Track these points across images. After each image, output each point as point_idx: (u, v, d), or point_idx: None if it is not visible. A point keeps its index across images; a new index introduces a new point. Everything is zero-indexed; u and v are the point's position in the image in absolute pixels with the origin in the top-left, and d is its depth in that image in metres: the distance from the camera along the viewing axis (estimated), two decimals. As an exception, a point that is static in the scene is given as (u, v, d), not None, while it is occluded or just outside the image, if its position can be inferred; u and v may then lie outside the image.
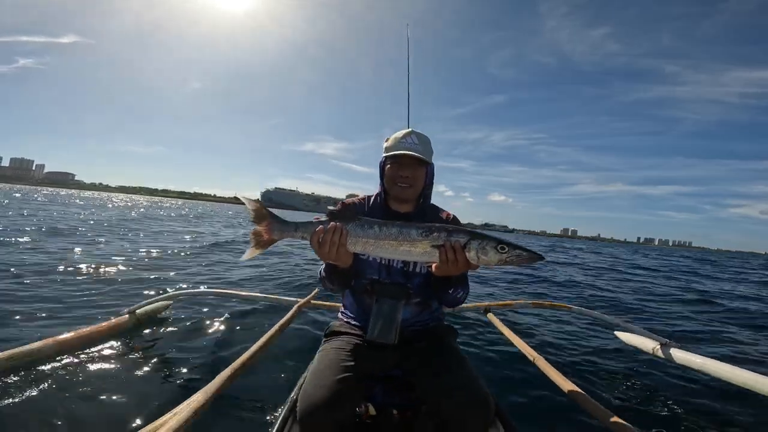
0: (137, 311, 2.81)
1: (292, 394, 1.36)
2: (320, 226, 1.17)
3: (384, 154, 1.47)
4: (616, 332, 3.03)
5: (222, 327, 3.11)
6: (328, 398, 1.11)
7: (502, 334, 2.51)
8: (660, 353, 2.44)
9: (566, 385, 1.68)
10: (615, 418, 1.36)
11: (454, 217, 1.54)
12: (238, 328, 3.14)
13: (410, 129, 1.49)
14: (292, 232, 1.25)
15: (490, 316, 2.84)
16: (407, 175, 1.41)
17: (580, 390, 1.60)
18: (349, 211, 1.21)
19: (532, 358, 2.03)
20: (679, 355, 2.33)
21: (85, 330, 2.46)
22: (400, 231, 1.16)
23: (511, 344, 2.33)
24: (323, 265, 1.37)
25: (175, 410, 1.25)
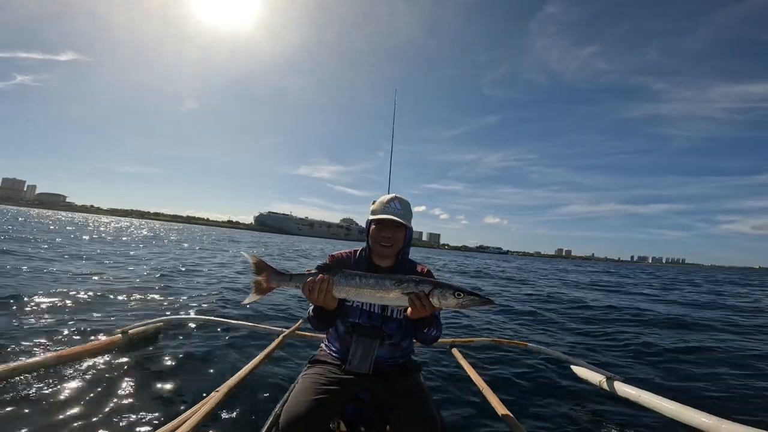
0: (130, 331, 3.00)
1: (276, 409, 1.65)
2: (310, 277, 1.47)
3: (370, 217, 1.76)
4: (572, 367, 3.28)
5: (210, 351, 3.26)
6: (306, 413, 1.38)
7: (462, 367, 2.83)
8: (605, 386, 2.75)
9: (505, 414, 1.99)
10: None
11: (428, 270, 1.80)
12: (225, 353, 3.30)
13: (394, 195, 1.77)
14: (287, 281, 1.54)
15: (454, 351, 3.14)
16: (389, 236, 1.71)
17: (515, 420, 1.91)
18: (336, 265, 1.57)
19: (481, 389, 2.35)
20: (621, 388, 2.63)
21: (82, 347, 2.66)
22: (377, 281, 1.46)
23: (468, 377, 2.63)
24: (312, 307, 1.64)
25: (164, 429, 1.45)
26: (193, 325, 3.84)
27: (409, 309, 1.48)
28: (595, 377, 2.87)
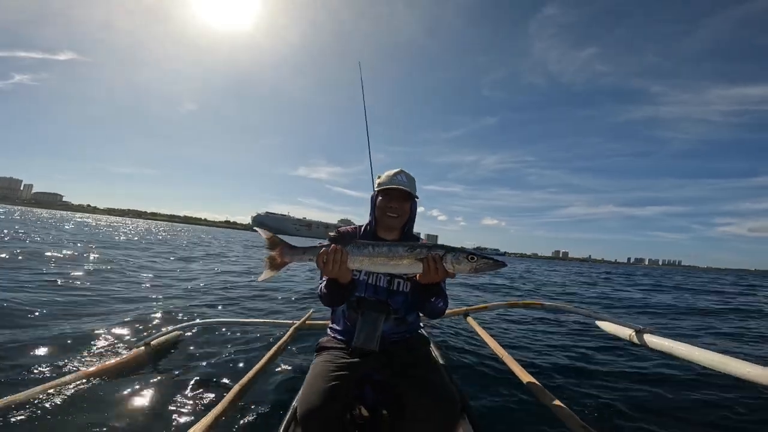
0: (152, 342, 3.01)
1: (294, 402, 1.60)
2: (324, 248, 1.45)
3: (376, 189, 1.76)
4: (597, 322, 3.04)
5: (229, 353, 3.32)
6: (320, 403, 1.34)
7: (478, 335, 2.71)
8: (635, 339, 2.49)
9: (528, 380, 1.92)
10: (568, 412, 1.56)
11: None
12: (242, 351, 3.38)
13: (399, 169, 1.78)
14: (300, 254, 1.50)
15: (469, 320, 3.03)
16: (396, 206, 1.71)
17: (540, 385, 1.83)
18: (347, 236, 1.58)
19: (501, 356, 2.24)
20: (653, 340, 2.38)
21: (110, 363, 2.63)
22: (390, 249, 1.46)
23: (485, 345, 2.52)
24: (323, 283, 1.62)
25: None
26: (209, 330, 3.85)
27: (418, 275, 1.47)
28: (624, 331, 2.63)
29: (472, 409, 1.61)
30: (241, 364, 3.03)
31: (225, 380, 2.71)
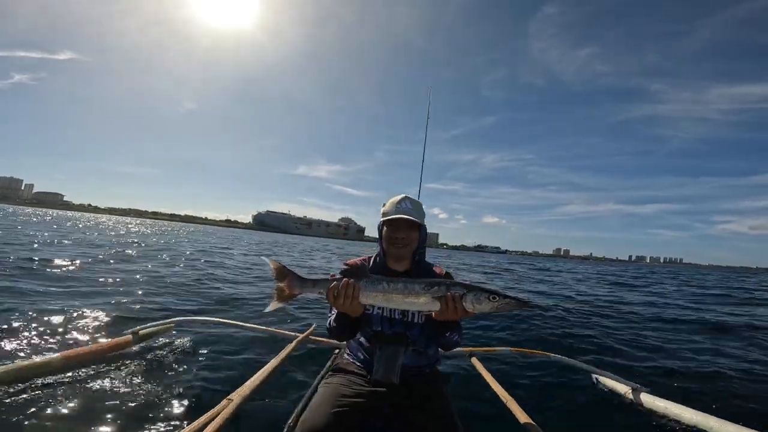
0: (140, 332, 2.94)
1: (290, 421, 1.54)
2: (335, 282, 1.38)
3: (381, 219, 1.70)
4: (593, 376, 3.16)
5: (221, 355, 3.21)
6: (324, 427, 1.27)
7: (482, 376, 2.69)
8: (631, 397, 2.64)
9: (531, 426, 1.87)
10: None
11: (447, 272, 1.72)
12: (237, 357, 3.24)
13: (404, 195, 1.71)
14: (310, 287, 1.45)
15: (474, 360, 3.00)
16: (403, 236, 1.64)
17: (541, 430, 1.80)
18: (358, 269, 1.50)
19: (505, 401, 2.23)
20: (648, 399, 2.51)
21: (91, 347, 2.61)
22: (405, 286, 1.38)
23: (489, 387, 2.51)
24: (332, 316, 1.57)
25: None
26: (204, 327, 3.77)
27: (434, 312, 1.41)
28: (621, 388, 2.77)
29: None
30: (232, 373, 2.90)
31: (214, 387, 2.61)
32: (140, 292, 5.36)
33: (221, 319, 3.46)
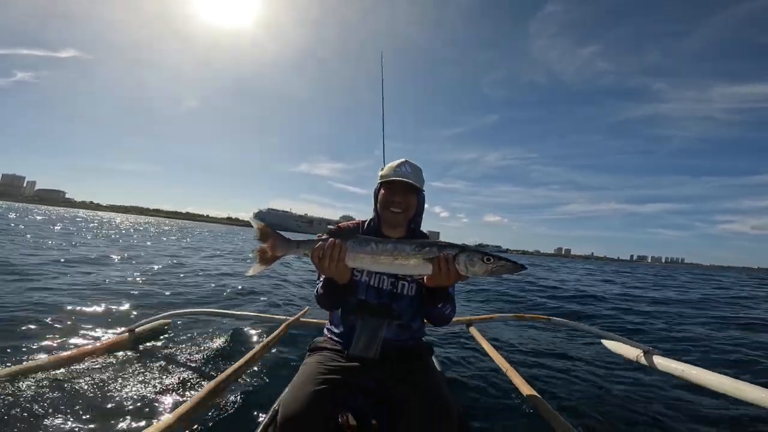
0: (137, 329, 2.92)
1: (275, 405, 1.47)
2: (320, 242, 1.31)
3: (379, 181, 1.60)
4: (603, 341, 2.99)
5: (216, 344, 3.22)
6: (305, 408, 1.20)
7: (481, 346, 2.62)
8: (643, 360, 2.43)
9: (531, 395, 1.82)
10: (569, 427, 1.50)
11: None
12: (231, 345, 3.27)
13: (404, 159, 1.61)
14: (294, 248, 1.36)
15: (472, 330, 2.91)
16: (400, 200, 1.54)
17: (543, 400, 1.73)
18: (347, 231, 1.41)
19: (504, 370, 2.14)
20: (662, 362, 2.29)
21: (86, 348, 2.57)
22: (395, 247, 1.30)
23: (488, 357, 2.43)
24: (320, 283, 1.49)
25: (161, 420, 1.35)
26: (197, 319, 3.77)
27: (426, 277, 1.33)
28: (631, 351, 2.56)
29: (470, 422, 1.52)
30: (226, 358, 2.93)
31: (207, 372, 2.62)
32: (135, 291, 5.31)
33: (216, 310, 3.45)
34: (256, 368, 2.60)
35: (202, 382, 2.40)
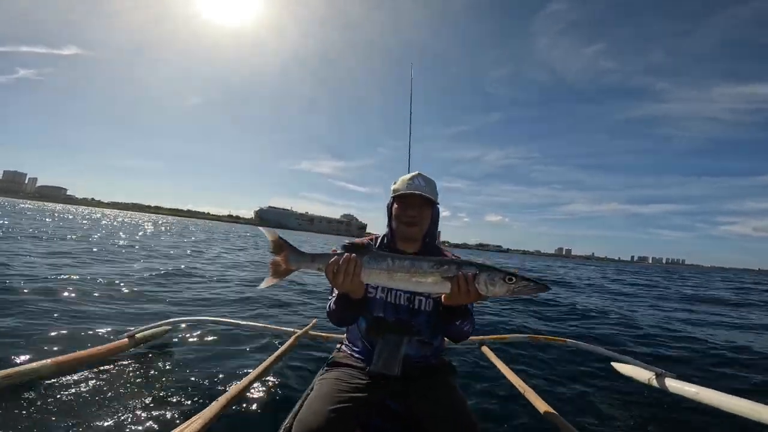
0: (137, 335, 2.82)
1: (286, 422, 1.41)
2: (335, 257, 1.25)
3: (391, 195, 1.57)
4: (612, 363, 3.02)
5: (219, 354, 3.09)
6: (323, 425, 1.16)
7: (495, 366, 2.56)
8: (655, 383, 2.46)
9: (552, 416, 1.75)
10: None
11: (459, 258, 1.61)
12: (235, 356, 3.12)
13: (417, 172, 1.59)
14: (308, 262, 1.32)
15: (484, 349, 2.86)
16: (414, 214, 1.51)
17: (566, 422, 1.68)
18: (363, 246, 1.33)
19: (522, 390, 2.08)
20: (675, 385, 2.31)
21: (84, 352, 2.47)
22: (412, 263, 1.25)
23: (503, 377, 2.38)
24: (333, 298, 1.45)
25: None
26: (201, 327, 3.64)
27: (443, 295, 1.29)
28: (644, 374, 2.60)
29: None
30: (231, 372, 2.78)
31: (210, 387, 2.49)
32: (134, 294, 5.21)
33: (219, 319, 3.33)
34: (265, 383, 2.50)
35: (202, 393, 2.31)
